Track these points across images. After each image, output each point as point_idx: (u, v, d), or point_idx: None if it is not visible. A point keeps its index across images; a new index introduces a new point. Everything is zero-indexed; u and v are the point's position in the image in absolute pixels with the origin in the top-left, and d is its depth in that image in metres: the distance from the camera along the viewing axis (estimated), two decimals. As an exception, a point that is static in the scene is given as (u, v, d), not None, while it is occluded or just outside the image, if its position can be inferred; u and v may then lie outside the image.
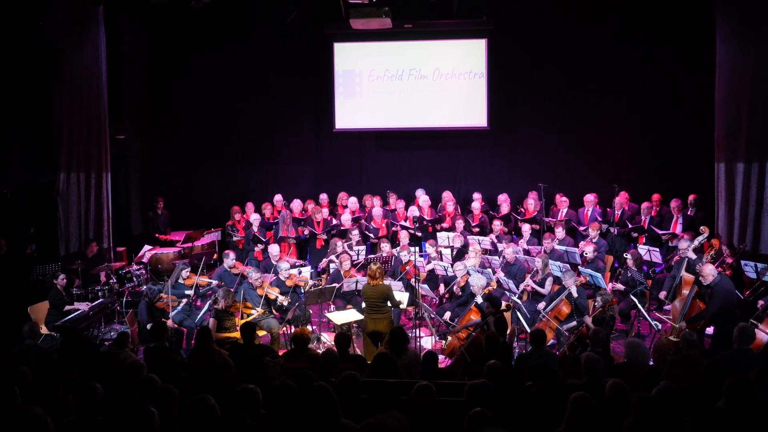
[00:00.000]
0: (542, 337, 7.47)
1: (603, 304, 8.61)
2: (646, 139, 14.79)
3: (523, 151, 15.47)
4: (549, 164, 15.17)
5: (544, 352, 7.36)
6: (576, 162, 15.12)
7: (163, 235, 14.43)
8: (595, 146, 15.04)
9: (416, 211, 13.54)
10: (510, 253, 11.09)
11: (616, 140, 14.96)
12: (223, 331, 9.04)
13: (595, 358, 6.02)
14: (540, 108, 15.22)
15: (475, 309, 9.32)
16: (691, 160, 14.31)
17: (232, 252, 11.44)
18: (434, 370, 6.91)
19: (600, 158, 14.99)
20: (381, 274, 8.95)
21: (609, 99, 14.88)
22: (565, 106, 15.12)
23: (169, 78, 15.81)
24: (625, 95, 14.76)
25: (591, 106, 14.99)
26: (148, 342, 8.90)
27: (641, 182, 14.47)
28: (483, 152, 15.66)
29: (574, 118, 15.09)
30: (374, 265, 8.99)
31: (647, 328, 10.07)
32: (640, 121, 14.78)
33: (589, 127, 15.05)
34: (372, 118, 15.62)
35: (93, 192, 12.85)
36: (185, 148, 16.05)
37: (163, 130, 15.94)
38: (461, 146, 15.73)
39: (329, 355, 6.49)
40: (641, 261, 10.76)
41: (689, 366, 6.60)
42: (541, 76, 15.12)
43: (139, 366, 5.98)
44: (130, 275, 11.94)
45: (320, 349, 9.45)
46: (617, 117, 14.92)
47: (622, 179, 13.79)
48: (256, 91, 15.82)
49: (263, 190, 15.43)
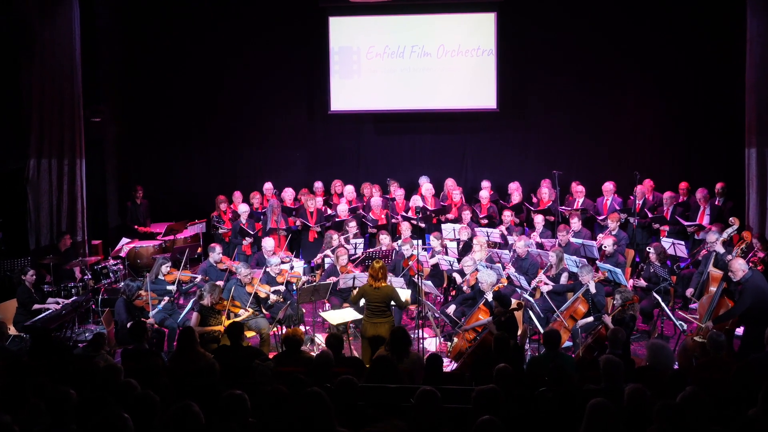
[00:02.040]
0: (557, 338, 7.45)
1: (623, 302, 8.59)
2: (671, 122, 14.76)
3: (536, 135, 15.44)
4: (564, 149, 15.15)
5: (558, 355, 7.35)
6: (594, 147, 15.10)
7: (143, 227, 14.40)
8: (615, 130, 15.00)
9: (419, 200, 13.51)
10: (521, 247, 11.07)
11: (638, 123, 14.92)
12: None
13: (615, 361, 6.01)
14: (554, 88, 15.18)
15: (483, 308, 9.31)
16: (719, 145, 14.29)
17: (218, 246, 11.43)
18: (439, 375, 6.91)
19: (620, 143, 14.96)
20: (384, 274, 8.89)
21: (630, 78, 14.83)
22: (582, 85, 15.07)
23: (149, 55, 15.74)
24: (647, 74, 14.72)
25: (610, 85, 14.95)
26: (126, 344, 8.89)
27: (665, 169, 14.46)
28: (492, 136, 15.63)
29: (592, 99, 15.05)
30: (377, 263, 8.88)
31: (671, 328, 10.07)
32: (664, 103, 14.74)
33: (609, 108, 15.01)
34: (370, 99, 15.57)
35: (66, 180, 12.81)
36: (167, 132, 16.00)
37: (143, 113, 15.88)
38: (468, 130, 15.69)
39: (324, 358, 6.49)
40: (665, 255, 10.74)
41: (717, 370, 6.60)
42: (556, 53, 15.07)
43: (116, 370, 5.97)
44: (107, 271, 11.91)
45: (314, 352, 9.43)
46: (639, 98, 14.88)
47: (645, 166, 13.78)
48: (243, 70, 15.76)
49: (251, 178, 15.41)
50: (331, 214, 13.45)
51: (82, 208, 13.03)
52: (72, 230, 12.78)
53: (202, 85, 15.81)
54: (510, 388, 5.76)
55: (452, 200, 13.88)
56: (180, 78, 15.77)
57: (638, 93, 14.88)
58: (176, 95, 15.84)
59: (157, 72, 15.78)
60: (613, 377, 5.92)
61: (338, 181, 14.66)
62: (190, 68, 15.74)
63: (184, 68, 15.74)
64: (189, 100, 15.85)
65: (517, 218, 13.12)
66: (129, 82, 15.77)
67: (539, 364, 7.14)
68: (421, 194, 13.90)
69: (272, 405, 5.18)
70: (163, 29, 15.62)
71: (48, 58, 12.55)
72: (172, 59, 15.72)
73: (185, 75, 15.77)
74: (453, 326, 9.84)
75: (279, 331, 10.08)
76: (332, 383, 5.70)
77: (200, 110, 15.91)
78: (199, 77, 15.77)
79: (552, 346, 7.35)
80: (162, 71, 15.75)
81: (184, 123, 15.97)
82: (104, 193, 15.18)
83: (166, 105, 15.88)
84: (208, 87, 15.82)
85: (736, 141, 12.97)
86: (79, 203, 12.98)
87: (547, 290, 10.03)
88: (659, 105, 14.79)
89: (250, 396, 5.13)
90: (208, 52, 15.70)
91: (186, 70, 15.75)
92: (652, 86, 14.77)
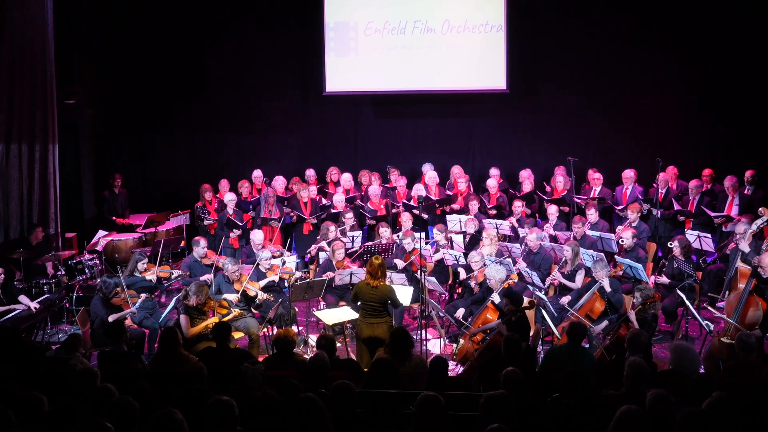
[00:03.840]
0: (582, 332, 7.54)
1: (644, 300, 8.59)
2: (696, 104, 14.72)
3: (549, 118, 15.41)
4: (580, 134, 15.14)
5: (580, 350, 7.42)
6: (612, 131, 15.08)
7: (121, 219, 14.38)
8: (636, 112, 14.97)
9: (422, 189, 13.49)
10: (533, 240, 11.06)
11: (661, 105, 14.90)
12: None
13: (640, 364, 6.02)
14: (570, 67, 15.14)
15: (492, 307, 9.30)
16: (748, 130, 14.27)
17: (202, 239, 11.40)
18: (443, 379, 6.90)
19: (641, 126, 14.93)
20: (384, 272, 8.87)
21: (652, 56, 14.78)
22: (600, 64, 15.03)
23: (129, 32, 15.68)
24: (670, 51, 14.67)
25: (630, 64, 14.90)
26: (103, 345, 8.88)
27: (690, 155, 14.44)
28: (501, 120, 15.61)
29: (611, 79, 15.01)
30: (376, 260, 8.85)
31: (697, 328, 10.07)
32: (689, 83, 14.69)
33: (629, 89, 14.97)
34: (369, 79, 15.54)
35: (37, 167, 12.78)
36: (147, 115, 15.96)
37: (121, 94, 15.84)
38: (475, 113, 15.66)
39: (318, 361, 6.49)
40: (690, 249, 10.73)
41: (747, 373, 6.59)
42: (571, 29, 15.03)
43: (92, 374, 5.97)
44: (82, 266, 11.91)
45: (308, 354, 9.43)
46: (662, 77, 14.83)
47: (668, 152, 13.75)
48: (231, 47, 15.73)
49: (239, 165, 15.41)
50: (326, 204, 13.44)
51: (55, 197, 13.01)
52: (44, 222, 12.75)
53: (186, 64, 15.76)
54: (521, 393, 5.75)
55: (458, 189, 13.87)
56: (162, 57, 15.72)
57: (661, 72, 14.82)
58: (158, 75, 15.79)
59: (137, 50, 15.72)
60: (637, 382, 5.91)
61: (334, 168, 14.65)
62: (173, 46, 15.69)
63: (167, 46, 15.69)
64: (172, 81, 15.80)
65: (529, 209, 13.12)
66: (106, 61, 15.70)
67: (557, 357, 7.24)
68: (424, 183, 13.87)
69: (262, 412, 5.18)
70: (143, 4, 15.58)
71: (18, 34, 12.48)
72: (154, 37, 15.66)
73: (168, 53, 15.73)
74: (459, 327, 9.82)
75: (269, 331, 10.07)
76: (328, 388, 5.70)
77: (184, 92, 15.86)
78: (183, 56, 15.73)
79: (575, 338, 7.44)
80: (142, 49, 15.70)
81: (167, 105, 15.93)
82: (79, 182, 15.15)
83: (146, 86, 15.82)
84: (192, 66, 15.78)
85: (766, 125, 12.93)
86: (52, 192, 12.96)
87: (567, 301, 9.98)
88: (683, 85, 14.74)
89: (239, 402, 5.11)
90: (192, 29, 15.65)
91: (169, 48, 15.70)
92: (675, 65, 14.71)
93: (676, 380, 6.37)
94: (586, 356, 7.47)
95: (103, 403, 5.18)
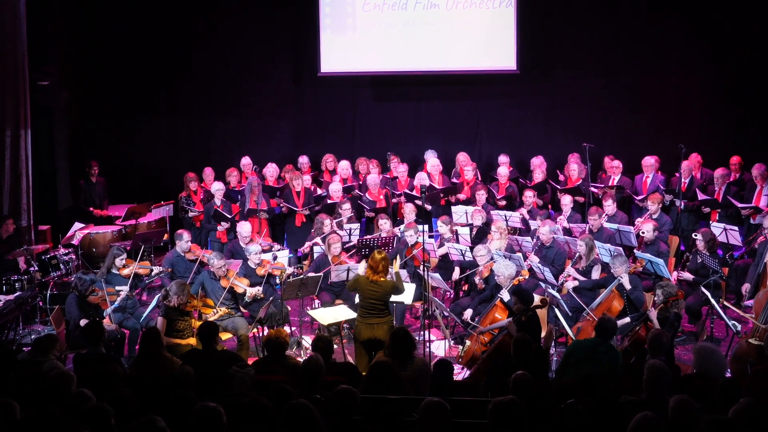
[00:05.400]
0: (611, 328, 7.58)
1: (665, 298, 8.58)
2: (723, 86, 14.71)
3: (563, 101, 15.41)
4: (596, 118, 15.15)
5: (605, 347, 7.46)
6: (631, 115, 15.08)
7: (99, 210, 14.40)
8: (657, 95, 14.97)
9: (425, 178, 13.48)
10: (546, 233, 11.05)
11: (684, 87, 14.88)
12: (174, 336, 9.02)
13: (661, 368, 6.01)
14: (585, 46, 15.13)
15: (501, 305, 9.30)
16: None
17: (186, 232, 11.39)
18: (448, 384, 6.91)
19: (663, 110, 14.94)
20: (386, 267, 8.86)
21: (674, 34, 14.77)
22: (619, 42, 15.03)
23: (107, 9, 15.65)
24: (695, 29, 14.65)
25: (651, 42, 14.89)
26: (79, 347, 8.89)
27: (715, 142, 14.44)
28: (511, 103, 15.61)
29: (629, 59, 15.01)
30: (379, 254, 8.84)
31: (723, 329, 10.06)
32: (715, 63, 14.67)
33: (648, 70, 14.96)
34: (368, 58, 15.51)
35: (8, 154, 12.77)
36: (127, 98, 15.94)
37: (99, 75, 15.81)
38: (483, 95, 15.67)
39: (313, 365, 6.48)
40: (715, 243, 10.71)
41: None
42: (587, 4, 15.02)
43: (67, 378, 5.95)
44: (56, 261, 11.89)
45: (301, 357, 9.44)
46: (685, 57, 14.82)
47: (691, 138, 13.73)
48: (218, 25, 15.72)
49: (227, 152, 15.42)
50: (321, 194, 13.43)
51: (28, 187, 13.00)
52: (15, 214, 12.74)
53: (169, 43, 15.74)
54: (532, 399, 5.75)
55: (464, 178, 13.86)
56: (144, 35, 15.69)
57: (685, 51, 14.81)
58: (139, 54, 15.76)
59: (116, 28, 15.68)
60: (658, 387, 5.91)
61: (330, 155, 14.64)
62: (155, 23, 15.67)
63: (149, 23, 15.66)
64: (154, 61, 15.78)
65: (541, 199, 13.13)
66: (83, 39, 15.67)
67: (578, 352, 7.35)
68: (428, 171, 13.88)
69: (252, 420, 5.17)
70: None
71: (-14, 10, 12.49)
72: (135, 13, 15.63)
73: (150, 31, 15.69)
74: (465, 327, 9.83)
75: (260, 332, 10.07)
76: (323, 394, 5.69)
77: (167, 73, 15.85)
78: (166, 33, 15.70)
79: (603, 333, 7.49)
80: (122, 27, 15.66)
81: (148, 88, 15.91)
82: (53, 170, 15.15)
83: (126, 66, 15.79)
84: (176, 45, 15.76)
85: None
86: (24, 182, 12.95)
87: (573, 286, 10.00)
88: (709, 65, 14.71)
89: (226, 409, 5.12)
90: (176, 4, 15.64)
91: (151, 25, 15.67)
92: (700, 43, 14.69)
93: (700, 385, 6.36)
94: (612, 354, 7.47)
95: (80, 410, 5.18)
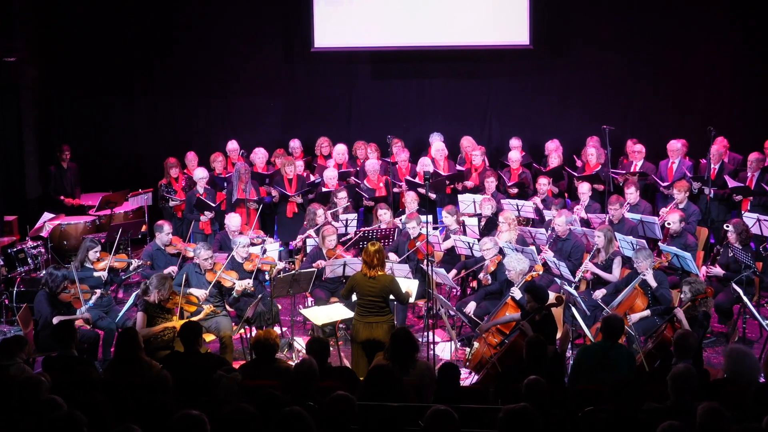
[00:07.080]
0: (618, 327, 7.54)
1: (693, 296, 8.57)
2: (754, 65, 14.71)
3: (581, 79, 15.41)
4: (617, 99, 15.15)
5: (617, 349, 7.44)
6: (655, 96, 15.11)
7: (71, 199, 14.38)
8: (683, 73, 14.98)
9: (429, 164, 13.45)
10: (562, 224, 11.04)
11: (713, 65, 14.89)
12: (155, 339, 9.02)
13: (689, 371, 6.02)
14: (605, 19, 15.13)
15: (512, 303, 9.29)
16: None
17: (166, 223, 11.36)
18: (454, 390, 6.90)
19: (690, 90, 14.94)
20: (382, 259, 8.88)
21: (701, 7, 14.75)
22: (642, 16, 15.01)
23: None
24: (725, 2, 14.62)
25: (677, 14, 14.88)
26: (49, 349, 8.86)
27: (747, 125, 14.44)
28: (523, 82, 15.63)
29: (653, 35, 15.00)
30: (372, 246, 8.86)
31: (756, 330, 10.06)
32: (747, 39, 14.67)
33: (674, 46, 14.96)
34: (366, 33, 15.48)
35: (-30, 138, 12.78)
36: (102, 77, 15.92)
37: (71, 51, 15.79)
38: (493, 73, 15.67)
39: (306, 369, 6.46)
40: (748, 235, 10.69)
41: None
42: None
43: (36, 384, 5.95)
44: (24, 255, 11.87)
45: (292, 360, 9.43)
46: (714, 33, 14.81)
47: (721, 120, 13.72)
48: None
49: (212, 136, 15.48)
50: (315, 181, 13.43)
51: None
52: (-21, 203, 12.76)
53: (147, 15, 15.71)
54: (546, 406, 5.74)
55: (472, 164, 13.85)
56: (119, 6, 15.66)
57: (713, 26, 14.80)
58: (114, 28, 15.74)
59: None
60: (685, 393, 5.90)
61: (324, 139, 14.61)
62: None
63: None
64: (131, 35, 15.76)
65: (556, 187, 13.12)
66: (53, 12, 15.64)
67: (588, 358, 7.35)
68: (432, 156, 13.85)
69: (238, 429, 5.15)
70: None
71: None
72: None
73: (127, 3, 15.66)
74: (473, 327, 9.81)
75: (247, 333, 10.06)
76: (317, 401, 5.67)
77: (145, 48, 15.83)
78: (145, 5, 15.68)
79: (610, 334, 7.47)
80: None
81: (125, 65, 15.88)
82: (21, 155, 15.13)
83: (101, 41, 15.77)
84: (155, 17, 15.73)
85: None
86: (-12, 168, 12.95)
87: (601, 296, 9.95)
88: (740, 41, 14.72)
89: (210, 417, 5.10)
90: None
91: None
92: (730, 18, 14.69)
93: (731, 391, 6.38)
94: (624, 356, 7.48)
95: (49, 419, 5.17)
